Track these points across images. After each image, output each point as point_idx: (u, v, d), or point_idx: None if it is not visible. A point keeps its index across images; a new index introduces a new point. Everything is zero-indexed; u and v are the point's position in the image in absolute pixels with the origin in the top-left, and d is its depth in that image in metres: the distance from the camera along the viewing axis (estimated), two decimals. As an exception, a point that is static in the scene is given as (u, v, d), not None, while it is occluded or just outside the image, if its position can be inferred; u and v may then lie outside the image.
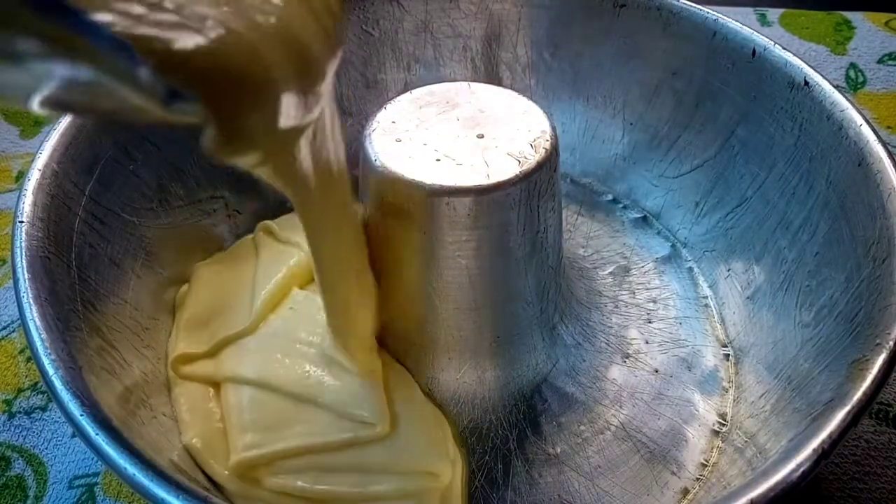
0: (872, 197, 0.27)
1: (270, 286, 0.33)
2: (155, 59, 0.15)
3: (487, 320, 0.30)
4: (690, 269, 0.37)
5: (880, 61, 0.49)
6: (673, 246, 0.38)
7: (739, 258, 0.35)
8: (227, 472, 0.28)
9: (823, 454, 0.21)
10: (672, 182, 0.38)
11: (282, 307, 0.33)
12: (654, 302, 0.36)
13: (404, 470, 0.29)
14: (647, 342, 0.34)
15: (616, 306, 0.36)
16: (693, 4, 0.35)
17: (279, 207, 0.37)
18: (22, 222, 0.27)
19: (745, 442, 0.29)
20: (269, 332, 0.32)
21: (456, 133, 0.28)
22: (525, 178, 0.27)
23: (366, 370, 0.30)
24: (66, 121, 0.30)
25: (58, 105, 0.16)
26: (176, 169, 0.35)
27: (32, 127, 0.46)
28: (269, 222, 0.37)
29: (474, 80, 0.31)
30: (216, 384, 0.31)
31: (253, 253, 0.36)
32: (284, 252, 0.35)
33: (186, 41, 0.16)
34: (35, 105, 0.15)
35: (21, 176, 0.43)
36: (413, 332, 0.31)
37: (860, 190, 0.28)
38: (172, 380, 0.31)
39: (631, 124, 0.39)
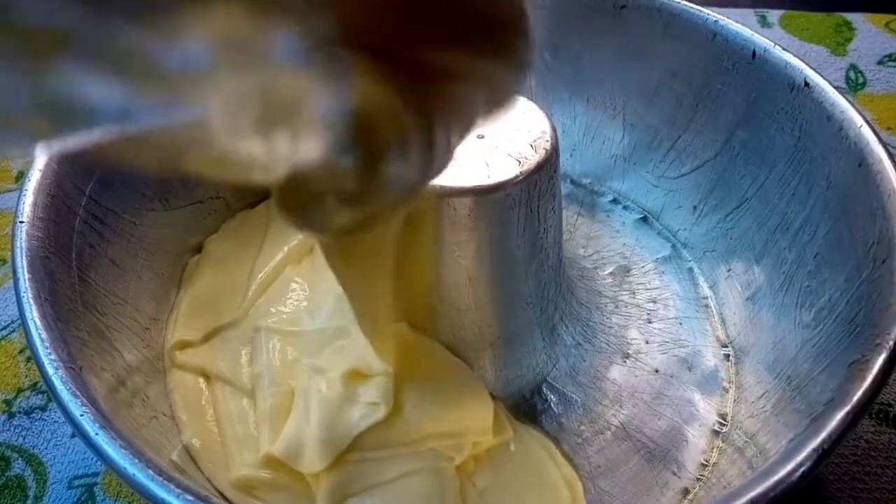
0: (873, 198, 0.27)
1: (267, 270, 0.34)
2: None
3: (487, 321, 0.30)
4: (691, 269, 0.37)
5: (880, 63, 0.49)
6: (673, 246, 0.38)
7: (740, 259, 0.35)
8: (227, 482, 0.28)
9: (823, 454, 0.21)
10: (672, 182, 0.38)
11: (271, 289, 0.34)
12: (655, 302, 0.36)
13: None
14: (647, 342, 0.34)
15: (616, 306, 0.36)
16: (693, 6, 0.35)
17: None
18: (22, 222, 0.27)
19: (746, 442, 0.29)
20: (253, 322, 0.32)
21: (456, 133, 0.28)
22: (525, 179, 0.27)
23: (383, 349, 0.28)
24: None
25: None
26: (176, 169, 0.35)
27: (32, 127, 0.46)
28: None
29: (474, 81, 0.31)
30: (208, 376, 0.31)
31: (263, 226, 0.36)
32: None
33: None
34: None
35: (21, 176, 0.43)
36: (413, 333, 0.31)
37: (860, 191, 0.28)
38: (168, 368, 0.31)
39: (631, 125, 0.39)
